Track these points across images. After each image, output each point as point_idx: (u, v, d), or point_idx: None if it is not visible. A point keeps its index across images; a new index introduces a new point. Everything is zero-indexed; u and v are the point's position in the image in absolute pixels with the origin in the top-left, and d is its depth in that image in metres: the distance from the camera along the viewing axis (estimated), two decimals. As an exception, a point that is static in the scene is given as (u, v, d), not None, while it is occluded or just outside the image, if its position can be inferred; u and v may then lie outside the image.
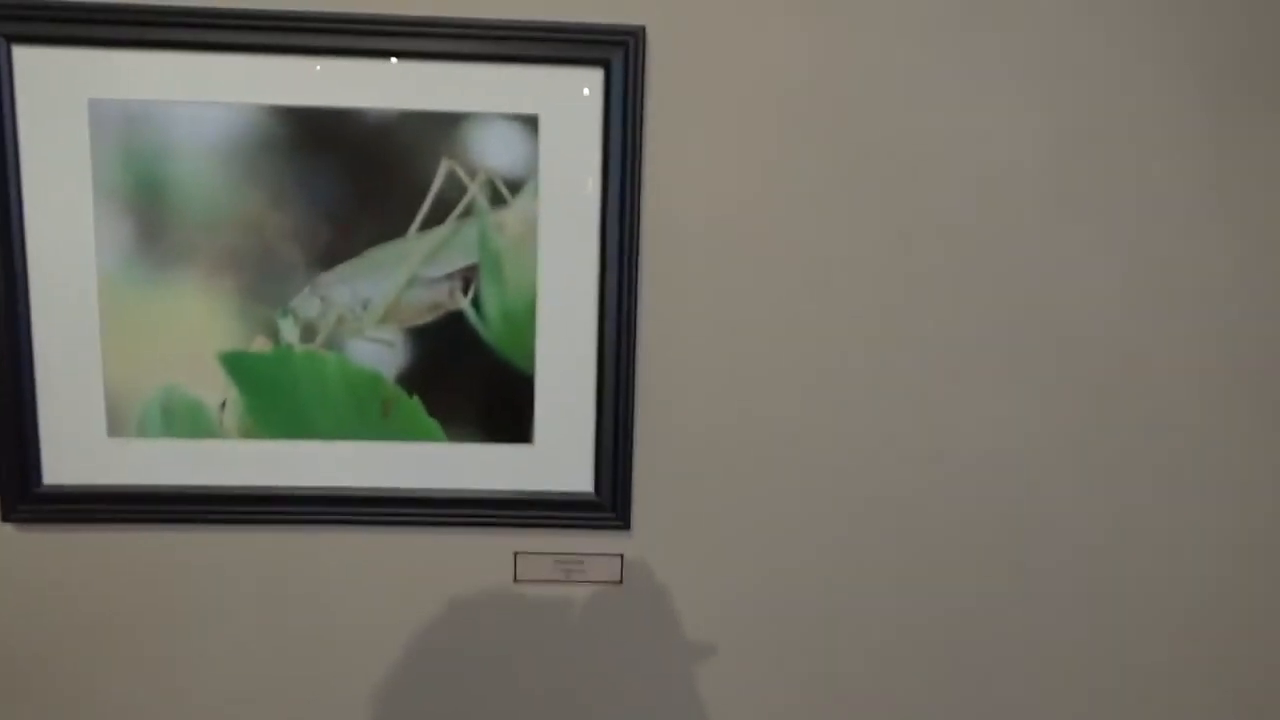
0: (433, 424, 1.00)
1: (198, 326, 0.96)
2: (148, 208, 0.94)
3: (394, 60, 0.93)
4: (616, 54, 0.93)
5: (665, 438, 1.01)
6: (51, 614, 1.02)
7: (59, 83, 0.91)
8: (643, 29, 0.93)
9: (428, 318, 0.98)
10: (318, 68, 0.93)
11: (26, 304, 0.94)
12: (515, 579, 1.04)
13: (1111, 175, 0.98)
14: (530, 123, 0.95)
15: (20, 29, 0.90)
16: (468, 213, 0.96)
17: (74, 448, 0.98)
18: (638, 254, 0.97)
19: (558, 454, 1.01)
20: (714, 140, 0.96)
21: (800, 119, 0.96)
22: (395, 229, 0.96)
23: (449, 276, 0.97)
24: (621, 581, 1.04)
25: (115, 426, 0.98)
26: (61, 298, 0.95)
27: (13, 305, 0.94)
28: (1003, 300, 1.00)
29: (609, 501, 1.01)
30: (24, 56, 0.91)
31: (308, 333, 0.97)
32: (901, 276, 0.99)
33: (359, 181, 0.94)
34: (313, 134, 0.93)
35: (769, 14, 0.94)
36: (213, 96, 0.92)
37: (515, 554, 1.03)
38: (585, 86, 0.94)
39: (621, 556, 1.04)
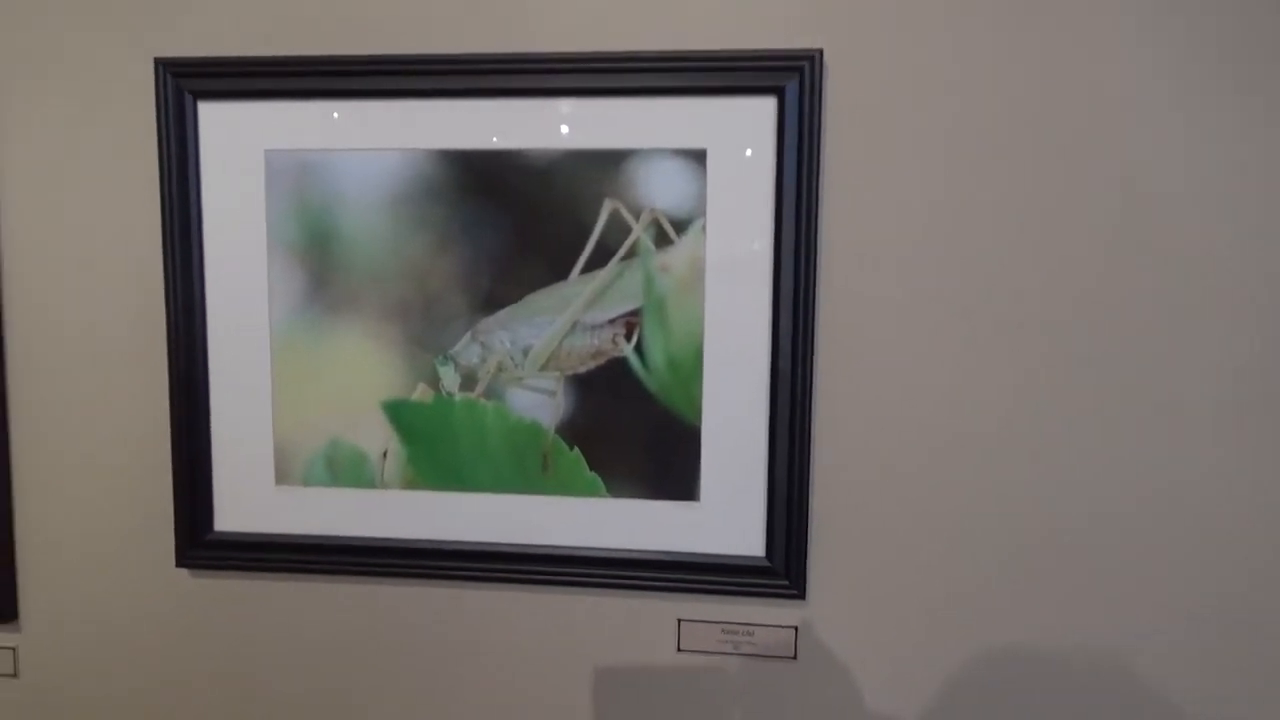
0: (594, 479, 0.94)
1: (362, 375, 0.95)
2: (318, 256, 0.94)
3: (557, 100, 0.89)
4: (791, 80, 0.86)
5: (845, 497, 0.92)
6: (214, 656, 1.02)
7: (238, 135, 0.93)
8: (820, 52, 0.85)
9: (589, 365, 0.93)
10: (481, 110, 0.90)
11: (205, 356, 0.96)
12: (678, 648, 0.96)
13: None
14: (698, 158, 0.89)
15: (205, 85, 0.93)
16: (631, 254, 0.91)
17: (244, 496, 0.98)
18: (814, 296, 0.88)
19: (726, 513, 0.93)
20: (900, 172, 0.87)
21: (999, 146, 0.86)
22: (557, 273, 0.92)
23: (611, 322, 0.92)
24: (795, 657, 0.94)
25: (282, 475, 0.98)
26: (237, 350, 0.96)
27: (192, 358, 0.96)
28: (1248, 342, 0.85)
29: (782, 567, 0.92)
30: (208, 111, 0.93)
31: (468, 381, 0.94)
32: (1123, 319, 0.86)
33: (521, 225, 0.91)
34: (476, 178, 0.91)
35: (963, 29, 0.85)
36: (380, 143, 0.92)
37: (679, 621, 0.96)
38: (757, 117, 0.87)
39: (795, 629, 0.94)
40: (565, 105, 0.90)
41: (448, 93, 0.91)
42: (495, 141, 0.91)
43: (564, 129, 0.90)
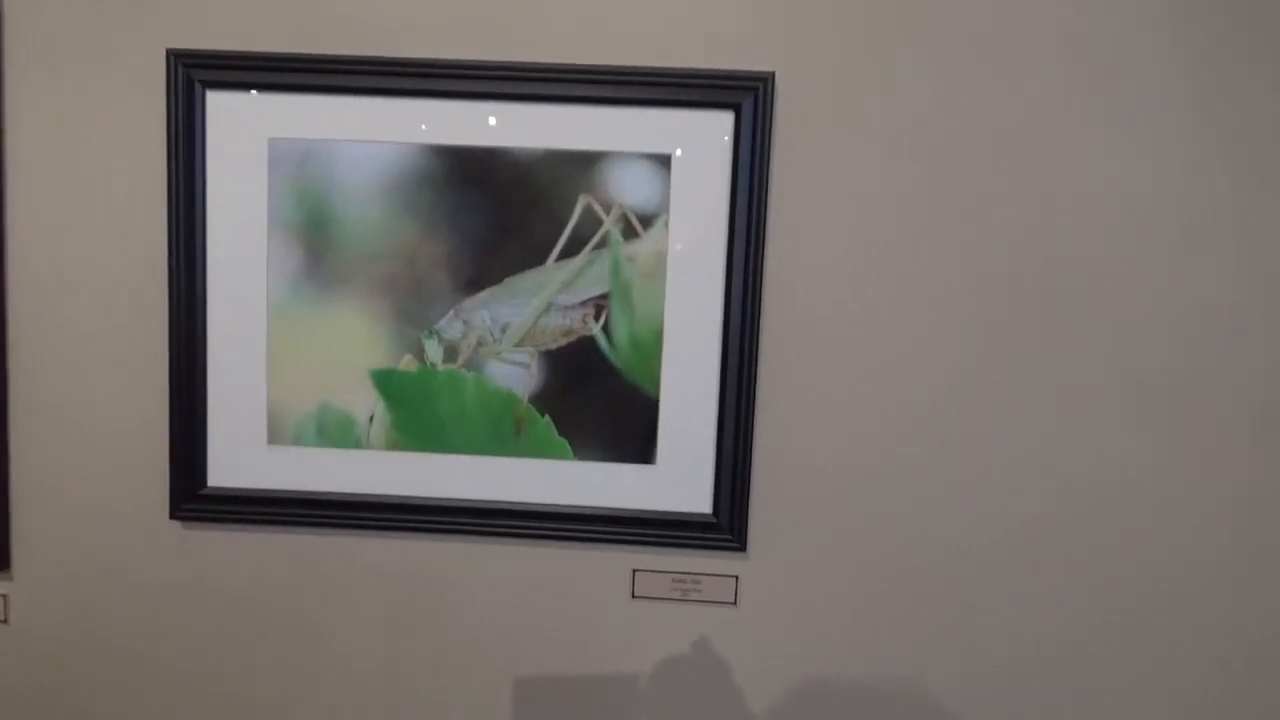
0: (562, 443, 1.05)
1: (353, 345, 1.04)
2: (315, 237, 1.03)
3: (541, 104, 1.00)
4: (747, 98, 0.99)
5: (784, 464, 1.05)
6: (205, 602, 1.10)
7: (244, 123, 1.02)
8: (772, 75, 0.98)
9: (561, 342, 1.04)
10: (470, 110, 1.01)
11: (204, 323, 1.04)
12: (633, 595, 1.08)
13: (1245, 206, 0.99)
14: (663, 162, 1.01)
15: (213, 76, 1.01)
16: (602, 244, 1.02)
17: (237, 454, 1.07)
18: (761, 285, 1.01)
19: (679, 475, 1.05)
20: (840, 181, 1.01)
21: (927, 163, 1.00)
22: (535, 259, 1.03)
23: (582, 304, 1.03)
24: (736, 603, 1.08)
25: (274, 435, 1.07)
26: (235, 318, 1.04)
27: (192, 324, 1.04)
28: (1142, 339, 1.01)
29: (727, 523, 1.05)
30: (215, 100, 1.02)
31: (450, 353, 1.04)
32: (1027, 315, 1.01)
33: (504, 215, 1.02)
34: (464, 171, 1.01)
35: (896, 60, 0.99)
36: (376, 136, 1.01)
37: (634, 571, 1.08)
38: (716, 128, 1.00)
39: (736, 578, 1.07)
40: (548, 110, 1.01)
41: (442, 94, 1.01)
42: (481, 139, 1.01)
43: (543, 131, 1.01)
